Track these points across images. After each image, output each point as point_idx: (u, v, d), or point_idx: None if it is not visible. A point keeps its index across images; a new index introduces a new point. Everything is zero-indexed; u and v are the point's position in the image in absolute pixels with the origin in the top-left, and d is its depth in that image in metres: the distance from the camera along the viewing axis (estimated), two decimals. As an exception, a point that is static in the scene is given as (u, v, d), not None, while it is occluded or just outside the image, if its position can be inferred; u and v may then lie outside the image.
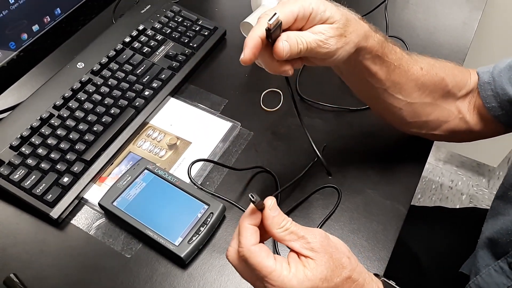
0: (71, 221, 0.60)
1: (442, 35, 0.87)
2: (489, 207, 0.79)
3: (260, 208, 0.41)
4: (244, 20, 0.79)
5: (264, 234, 0.42)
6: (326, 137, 0.70)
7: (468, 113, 0.63)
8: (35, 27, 0.67)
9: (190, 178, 0.61)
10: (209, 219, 0.57)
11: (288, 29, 0.47)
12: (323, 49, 0.47)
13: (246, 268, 0.41)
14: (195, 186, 0.61)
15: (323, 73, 0.80)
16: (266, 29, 0.44)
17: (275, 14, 0.43)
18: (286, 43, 0.45)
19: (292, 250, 0.42)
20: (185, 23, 0.82)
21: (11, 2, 0.62)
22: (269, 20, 0.43)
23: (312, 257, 0.41)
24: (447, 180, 1.72)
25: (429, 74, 0.58)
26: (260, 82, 0.78)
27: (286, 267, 0.40)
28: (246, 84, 0.78)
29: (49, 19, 0.68)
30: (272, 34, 0.44)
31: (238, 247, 0.41)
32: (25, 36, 0.66)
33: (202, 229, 0.57)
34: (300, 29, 0.47)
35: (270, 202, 0.42)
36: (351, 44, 0.49)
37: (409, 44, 0.80)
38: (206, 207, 0.58)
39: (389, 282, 0.49)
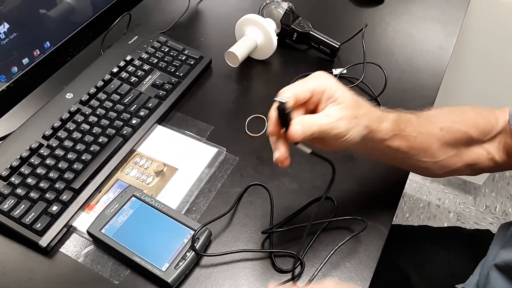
0: (60, 249, 0.61)
1: (420, 60, 0.91)
2: (476, 224, 0.80)
3: None
4: (229, 50, 0.82)
5: None
6: (307, 161, 0.72)
7: (498, 153, 0.64)
8: (25, 60, 0.69)
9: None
10: (195, 244, 0.58)
11: (306, 103, 0.51)
12: (335, 130, 0.50)
13: None
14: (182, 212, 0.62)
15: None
16: (278, 108, 0.46)
17: (285, 102, 0.47)
18: (299, 126, 0.48)
19: None
20: (171, 53, 0.84)
21: (1, 38, 0.64)
22: (280, 104, 0.46)
23: None
24: (435, 198, 1.75)
25: (450, 132, 0.60)
26: (244, 108, 0.80)
27: None
28: (231, 111, 0.80)
29: (38, 52, 0.71)
30: (283, 117, 0.47)
31: None
32: (15, 69, 0.68)
33: (188, 254, 0.58)
34: (316, 105, 0.51)
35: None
36: (361, 126, 0.52)
37: (388, 69, 0.83)
38: (192, 232, 0.60)
39: None
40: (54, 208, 0.61)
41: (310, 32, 0.88)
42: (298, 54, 0.91)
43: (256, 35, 0.85)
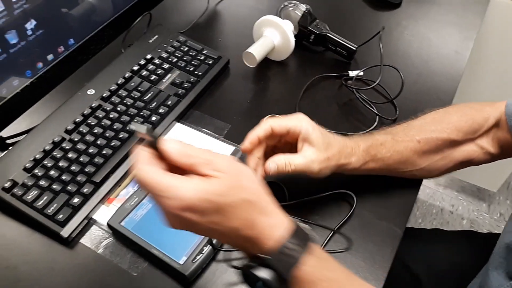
0: (80, 240, 0.62)
1: (436, 64, 0.91)
2: (489, 232, 0.80)
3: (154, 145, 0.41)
4: (246, 50, 0.83)
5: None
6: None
7: (492, 146, 0.67)
8: (50, 57, 0.71)
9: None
10: (212, 239, 0.60)
11: (282, 138, 0.61)
12: (308, 170, 0.59)
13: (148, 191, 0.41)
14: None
15: (322, 99, 0.84)
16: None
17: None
18: (274, 164, 0.58)
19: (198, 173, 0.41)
20: (190, 53, 0.86)
21: (28, 34, 0.66)
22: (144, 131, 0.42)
23: (217, 176, 0.41)
24: (448, 204, 1.74)
25: (428, 143, 0.65)
26: (261, 108, 0.81)
27: (183, 180, 0.40)
28: (248, 110, 0.82)
29: (62, 49, 0.73)
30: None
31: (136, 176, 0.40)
32: (40, 64, 0.70)
33: (205, 248, 0.59)
34: (294, 141, 0.60)
35: (170, 143, 0.41)
36: (331, 166, 0.60)
37: (405, 72, 0.83)
38: (209, 227, 0.61)
39: (301, 225, 0.46)
40: (76, 200, 0.63)
41: (327, 34, 0.89)
42: (315, 56, 0.92)
43: (274, 36, 0.86)
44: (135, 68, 0.81)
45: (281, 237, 0.42)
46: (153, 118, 0.75)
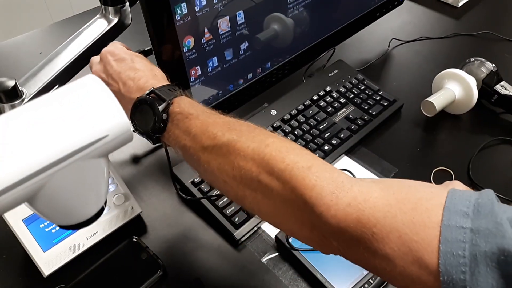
0: (247, 246, 0.68)
1: None
2: None
3: None
4: (427, 99, 0.83)
5: None
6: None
7: None
8: (250, 75, 0.79)
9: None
10: (375, 277, 0.60)
11: None
12: None
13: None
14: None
15: (497, 163, 0.80)
16: None
17: None
18: None
19: None
20: (367, 92, 0.89)
21: (240, 53, 0.74)
22: None
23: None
24: None
25: None
26: (431, 158, 0.81)
27: (122, 46, 0.61)
28: (417, 157, 0.81)
29: (260, 71, 0.80)
30: None
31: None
32: (241, 81, 0.78)
33: (372, 281, 0.60)
34: None
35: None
36: None
37: None
38: (372, 265, 0.62)
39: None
40: (251, 208, 0.69)
41: (514, 97, 0.85)
42: (494, 117, 0.89)
43: (456, 90, 0.85)
44: (314, 97, 0.86)
45: (167, 83, 0.55)
46: (325, 147, 0.78)
